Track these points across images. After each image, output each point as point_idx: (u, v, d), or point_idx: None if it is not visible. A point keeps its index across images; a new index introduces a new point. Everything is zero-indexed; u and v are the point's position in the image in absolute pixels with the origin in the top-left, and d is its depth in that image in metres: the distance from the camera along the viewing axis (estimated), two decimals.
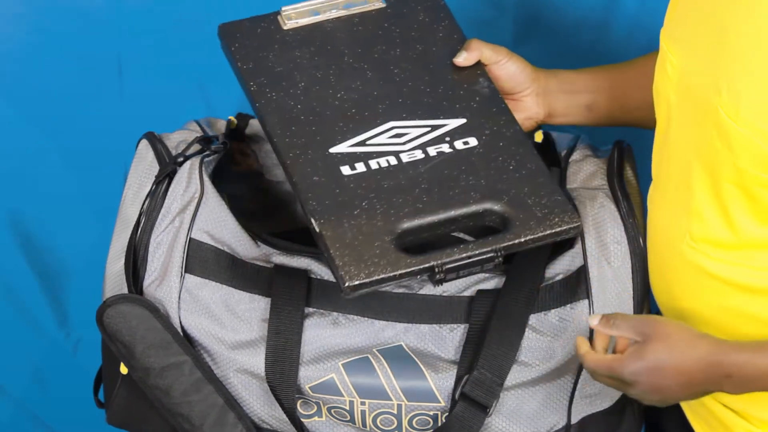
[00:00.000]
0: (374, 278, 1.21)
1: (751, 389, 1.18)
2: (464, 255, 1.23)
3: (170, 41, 1.77)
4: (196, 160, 1.39)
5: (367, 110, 1.33)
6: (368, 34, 1.39)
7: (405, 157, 1.29)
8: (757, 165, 1.13)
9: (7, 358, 1.95)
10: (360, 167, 1.28)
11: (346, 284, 1.21)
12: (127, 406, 1.40)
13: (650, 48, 1.46)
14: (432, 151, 1.30)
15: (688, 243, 1.23)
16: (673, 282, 1.27)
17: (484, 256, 1.23)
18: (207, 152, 1.41)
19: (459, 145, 1.31)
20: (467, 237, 1.45)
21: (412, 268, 1.22)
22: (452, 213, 1.26)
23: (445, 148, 1.30)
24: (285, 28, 1.38)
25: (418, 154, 1.30)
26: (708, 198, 1.20)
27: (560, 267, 1.35)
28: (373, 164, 1.29)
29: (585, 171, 1.41)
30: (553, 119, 1.43)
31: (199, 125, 1.48)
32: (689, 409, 1.36)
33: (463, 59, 1.37)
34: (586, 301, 1.33)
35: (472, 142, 1.31)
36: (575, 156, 1.43)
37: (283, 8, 1.39)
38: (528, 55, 1.46)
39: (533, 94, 1.41)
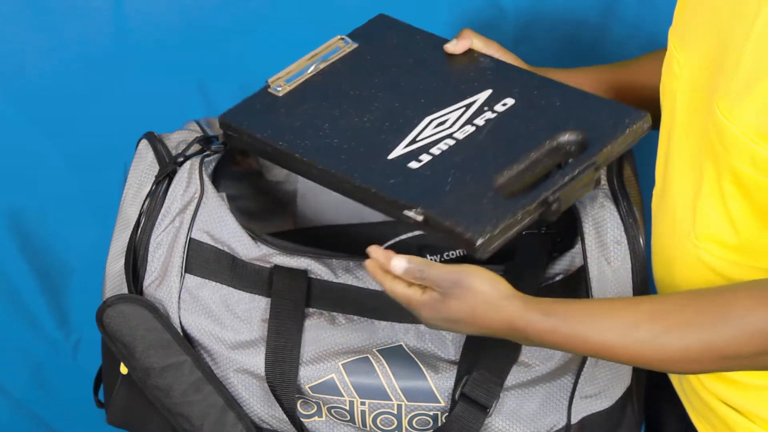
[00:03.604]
0: (500, 227, 1.20)
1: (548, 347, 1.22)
2: (567, 178, 1.23)
3: (170, 41, 1.77)
4: (196, 160, 1.39)
5: (400, 118, 1.34)
6: (359, 69, 1.41)
7: (460, 135, 1.30)
8: (749, 164, 1.13)
9: (7, 358, 1.95)
10: (425, 158, 1.29)
11: (478, 242, 1.19)
12: (127, 406, 1.40)
13: (650, 48, 1.46)
14: (480, 121, 1.31)
15: (692, 242, 1.23)
16: (680, 278, 1.27)
17: (586, 172, 1.24)
18: (207, 152, 1.41)
19: (500, 108, 1.32)
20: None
21: (528, 207, 1.21)
22: (533, 155, 1.27)
23: (489, 115, 1.32)
24: (280, 95, 1.39)
25: (469, 129, 1.31)
26: (711, 197, 1.20)
27: (560, 267, 1.35)
28: (436, 151, 1.29)
29: None
30: None
31: (199, 125, 1.48)
32: (691, 407, 1.36)
33: (453, 45, 1.39)
34: None
35: (510, 101, 1.33)
36: None
37: (269, 80, 1.40)
38: (528, 55, 1.46)
39: None
